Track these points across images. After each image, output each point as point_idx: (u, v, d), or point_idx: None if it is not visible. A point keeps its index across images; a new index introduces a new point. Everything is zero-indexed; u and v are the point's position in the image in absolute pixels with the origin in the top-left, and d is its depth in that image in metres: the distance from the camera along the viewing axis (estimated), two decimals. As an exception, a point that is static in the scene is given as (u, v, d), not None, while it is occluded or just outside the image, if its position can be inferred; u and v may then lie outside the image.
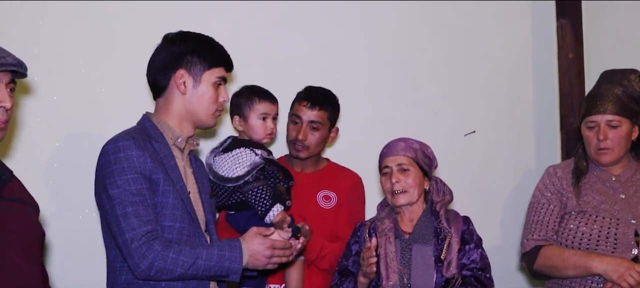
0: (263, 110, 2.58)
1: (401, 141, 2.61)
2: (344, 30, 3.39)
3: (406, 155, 2.55)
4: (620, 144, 2.66)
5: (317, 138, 2.77)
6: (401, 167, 2.54)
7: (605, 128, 2.65)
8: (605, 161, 2.68)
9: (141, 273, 2.04)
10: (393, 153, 2.58)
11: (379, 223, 2.56)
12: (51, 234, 2.72)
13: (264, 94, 2.61)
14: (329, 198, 2.81)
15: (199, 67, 2.22)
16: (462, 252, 2.49)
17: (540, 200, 2.75)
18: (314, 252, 2.66)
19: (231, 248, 2.13)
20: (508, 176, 3.74)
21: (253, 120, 2.58)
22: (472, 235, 2.54)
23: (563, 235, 2.66)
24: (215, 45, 2.29)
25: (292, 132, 2.77)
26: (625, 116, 2.64)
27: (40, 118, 2.75)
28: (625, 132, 2.66)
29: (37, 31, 2.76)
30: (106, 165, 2.09)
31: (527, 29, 3.83)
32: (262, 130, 2.57)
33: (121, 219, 2.04)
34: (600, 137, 2.64)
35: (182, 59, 2.21)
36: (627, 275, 2.45)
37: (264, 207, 2.40)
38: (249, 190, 2.42)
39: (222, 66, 2.28)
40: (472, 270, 2.48)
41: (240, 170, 2.44)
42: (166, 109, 2.24)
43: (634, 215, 2.59)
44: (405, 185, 2.53)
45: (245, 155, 2.48)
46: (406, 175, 2.54)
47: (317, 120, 2.75)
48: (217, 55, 2.27)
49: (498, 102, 3.74)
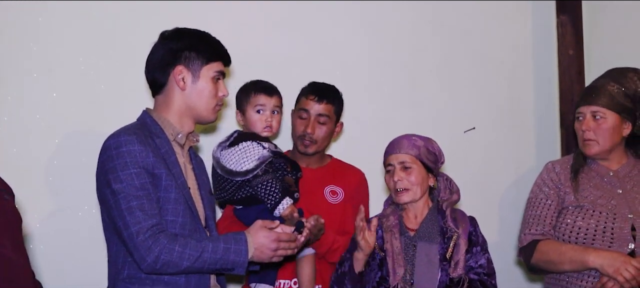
0: (258, 103, 2.59)
1: (405, 139, 2.61)
2: (344, 29, 3.40)
3: (408, 153, 2.55)
4: (604, 137, 2.67)
5: (324, 132, 2.78)
6: (403, 165, 2.54)
7: (589, 119, 2.68)
8: (590, 153, 2.70)
9: (147, 266, 2.05)
10: (396, 151, 2.58)
11: (384, 219, 2.56)
12: (51, 232, 2.74)
13: (259, 86, 2.63)
14: (336, 193, 2.82)
15: (197, 62, 2.23)
16: (469, 254, 2.49)
17: (538, 195, 2.77)
18: (325, 245, 2.67)
19: (237, 242, 2.14)
20: (508, 173, 3.74)
21: (250, 113, 2.60)
22: (478, 237, 2.54)
23: (560, 229, 2.67)
24: (212, 40, 2.30)
25: (300, 126, 2.78)
26: (611, 109, 2.66)
27: (40, 116, 2.76)
28: (610, 124, 2.67)
29: (37, 30, 2.77)
30: (108, 160, 2.10)
31: (527, 26, 3.83)
32: (260, 123, 2.59)
33: (126, 213, 2.04)
34: (583, 127, 2.69)
35: (180, 55, 2.22)
36: (623, 269, 2.47)
37: (274, 200, 2.42)
38: (258, 183, 2.44)
39: (220, 61, 2.29)
40: (479, 275, 2.47)
41: (249, 163, 2.46)
42: (166, 105, 2.25)
43: (630, 210, 2.61)
44: (407, 183, 2.53)
45: (252, 148, 2.50)
46: (408, 173, 2.54)
47: (325, 113, 2.77)
48: (215, 50, 2.28)
49: (498, 99, 3.74)
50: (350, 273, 2.45)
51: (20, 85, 2.73)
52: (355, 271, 2.45)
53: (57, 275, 2.70)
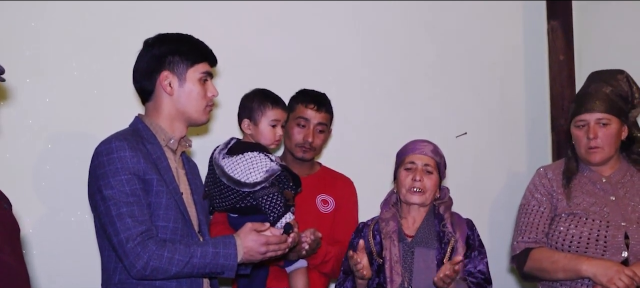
0: (275, 117, 2.60)
1: (429, 143, 2.63)
2: (337, 31, 3.40)
3: (433, 158, 2.58)
4: (610, 143, 2.65)
5: (322, 140, 2.84)
6: (427, 169, 2.56)
7: (595, 126, 2.64)
8: (596, 160, 2.67)
9: (137, 273, 2.05)
10: (422, 152, 2.59)
11: (383, 224, 2.56)
12: (44, 236, 2.72)
13: (277, 100, 2.63)
14: (327, 202, 2.85)
15: (182, 65, 2.23)
16: (468, 259, 2.50)
17: (530, 202, 2.75)
18: (319, 257, 2.68)
19: (226, 245, 2.14)
20: (499, 177, 3.75)
21: (263, 126, 2.59)
22: (475, 240, 2.54)
23: (553, 237, 2.65)
24: (195, 41, 2.29)
25: (298, 135, 2.79)
26: (614, 114, 2.64)
27: (33, 119, 2.74)
28: (615, 130, 2.65)
29: (29, 33, 2.75)
30: (100, 166, 2.10)
31: (518, 30, 3.85)
32: (271, 136, 2.60)
33: (116, 220, 2.05)
34: (590, 135, 2.64)
35: (164, 61, 2.22)
36: (617, 278, 2.44)
37: (277, 213, 2.43)
38: (264, 195, 2.44)
39: (205, 61, 2.28)
40: (478, 279, 2.48)
41: (257, 175, 2.45)
42: (156, 111, 2.25)
43: (624, 218, 2.58)
44: (425, 185, 2.54)
45: (260, 160, 2.49)
46: (429, 177, 2.55)
47: (324, 122, 2.82)
48: (199, 52, 2.28)
49: (490, 103, 3.76)
50: None
51: (12, 89, 2.72)
52: None
53: (50, 280, 2.70)
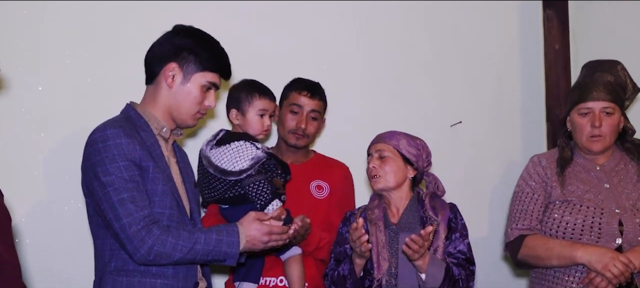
0: (262, 107, 2.59)
1: (388, 132, 2.67)
2: (334, 25, 3.39)
3: (387, 143, 2.60)
4: (611, 133, 2.67)
5: (315, 127, 2.84)
6: (380, 154, 2.60)
7: (601, 115, 2.65)
8: (597, 148, 2.68)
9: (140, 257, 2.05)
10: (376, 141, 2.66)
11: (369, 212, 2.60)
12: (37, 226, 2.72)
13: (265, 90, 2.63)
14: (322, 188, 2.84)
15: (192, 66, 2.22)
16: (449, 241, 2.51)
17: (524, 189, 2.76)
18: (312, 243, 2.68)
19: (229, 233, 2.16)
20: (495, 167, 3.75)
21: (251, 116, 2.59)
22: (458, 223, 2.56)
23: (547, 224, 2.66)
24: (217, 50, 2.28)
25: (291, 121, 2.80)
26: (617, 104, 2.66)
27: (25, 109, 2.73)
28: (617, 120, 2.68)
29: (22, 23, 2.74)
30: (95, 154, 2.09)
31: (514, 20, 3.84)
32: (259, 126, 2.59)
33: (117, 205, 2.04)
34: (596, 123, 2.64)
35: (179, 53, 2.21)
36: (611, 265, 2.46)
37: (263, 201, 2.42)
38: (250, 183, 2.44)
39: (217, 72, 2.27)
40: (458, 259, 2.49)
41: (243, 163, 2.45)
42: (153, 99, 2.25)
43: (618, 205, 2.60)
44: (379, 170, 2.57)
45: (246, 148, 2.49)
46: (384, 161, 2.58)
47: (317, 109, 2.82)
48: (216, 61, 2.26)
49: (485, 93, 3.75)
50: (352, 276, 2.48)
51: (5, 79, 2.70)
52: (357, 275, 2.47)
53: (44, 269, 2.69)
